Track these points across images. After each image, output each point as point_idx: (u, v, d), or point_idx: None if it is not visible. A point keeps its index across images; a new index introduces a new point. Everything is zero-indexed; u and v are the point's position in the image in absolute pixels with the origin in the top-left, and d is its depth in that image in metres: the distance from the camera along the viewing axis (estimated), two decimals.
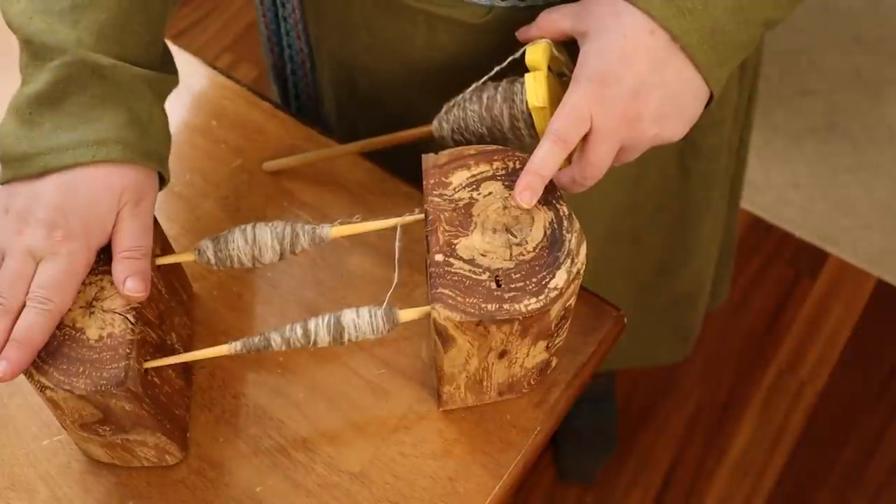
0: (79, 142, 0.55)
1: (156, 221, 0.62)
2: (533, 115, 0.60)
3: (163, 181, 0.61)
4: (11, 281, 0.55)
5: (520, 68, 0.62)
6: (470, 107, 0.63)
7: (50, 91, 0.55)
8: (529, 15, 0.63)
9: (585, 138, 0.58)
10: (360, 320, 0.57)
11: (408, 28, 0.71)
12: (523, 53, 0.61)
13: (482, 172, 0.59)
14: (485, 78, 0.63)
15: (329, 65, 0.82)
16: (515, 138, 0.63)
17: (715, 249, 1.05)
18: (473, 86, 0.63)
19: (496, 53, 0.64)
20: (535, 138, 0.62)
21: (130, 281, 0.56)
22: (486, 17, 0.68)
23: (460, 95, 0.64)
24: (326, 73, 0.84)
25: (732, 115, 0.87)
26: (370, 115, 0.80)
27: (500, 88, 0.62)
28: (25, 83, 0.57)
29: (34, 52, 0.56)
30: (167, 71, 0.62)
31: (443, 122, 0.65)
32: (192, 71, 0.82)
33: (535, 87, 0.60)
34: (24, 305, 0.55)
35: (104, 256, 0.58)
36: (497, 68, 0.63)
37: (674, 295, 1.04)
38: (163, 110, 0.61)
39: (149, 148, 0.58)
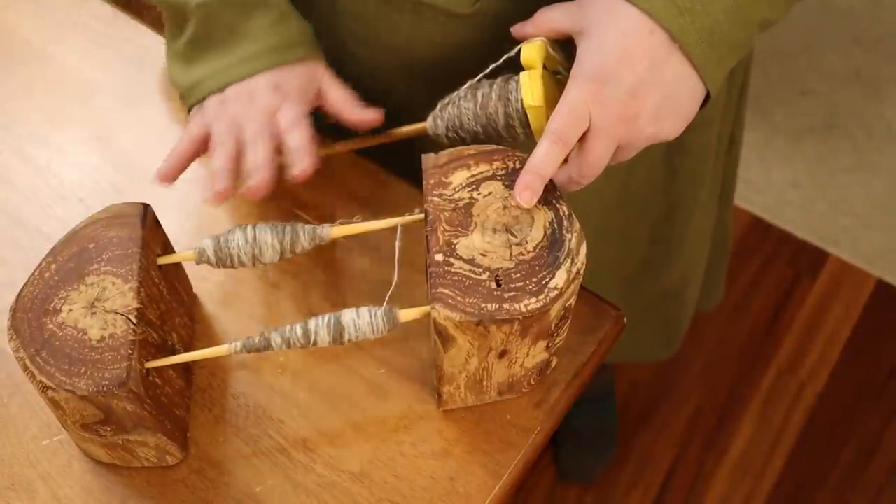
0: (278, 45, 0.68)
1: (156, 221, 0.62)
2: (528, 113, 0.61)
3: None
4: (259, 133, 0.65)
5: (515, 66, 0.62)
6: (464, 104, 0.63)
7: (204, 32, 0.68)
8: (517, 7, 0.63)
9: (583, 137, 0.58)
10: (360, 320, 0.57)
11: (394, 16, 0.70)
12: (518, 51, 0.61)
13: (482, 172, 0.59)
14: (480, 76, 0.63)
15: None
16: (510, 137, 0.63)
17: (704, 248, 1.04)
18: (468, 83, 0.63)
19: (484, 47, 0.64)
20: (530, 137, 0.62)
21: (364, 112, 0.69)
22: (473, 7, 0.67)
23: (455, 93, 0.64)
24: None
25: (722, 112, 0.87)
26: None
27: (494, 86, 0.62)
28: (175, 36, 0.70)
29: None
30: None
31: (437, 120, 0.65)
32: None
33: (530, 86, 0.60)
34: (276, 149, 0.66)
35: (105, 256, 0.58)
36: (492, 66, 0.63)
37: (659, 292, 1.03)
38: (296, 13, 0.71)
39: (319, 44, 0.71)
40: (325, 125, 0.86)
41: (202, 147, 0.67)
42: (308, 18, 0.79)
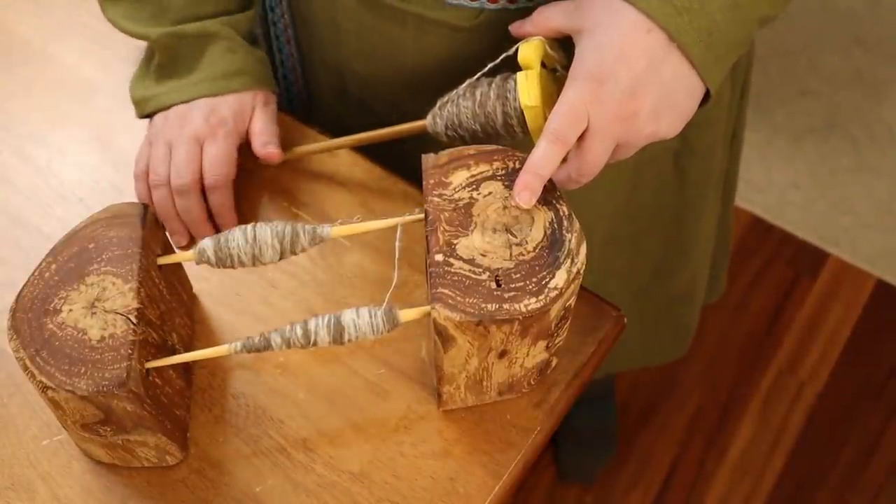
0: (229, 73, 0.73)
1: (156, 221, 0.62)
2: (525, 113, 0.61)
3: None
4: (186, 162, 0.70)
5: (513, 65, 0.62)
6: (463, 103, 0.63)
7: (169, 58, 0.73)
8: (520, 18, 0.63)
9: (582, 136, 0.58)
10: (360, 320, 0.57)
11: (397, 32, 0.71)
12: (516, 51, 0.61)
13: (482, 172, 0.59)
14: (478, 74, 0.64)
15: (320, 70, 0.82)
16: (509, 135, 0.63)
17: (710, 247, 1.04)
18: (467, 82, 0.64)
19: (487, 58, 0.64)
20: (528, 135, 0.62)
21: (269, 146, 0.73)
22: (476, 21, 0.68)
23: (454, 91, 0.64)
24: (318, 78, 0.84)
25: (727, 111, 0.87)
26: (362, 120, 0.80)
27: (493, 85, 0.62)
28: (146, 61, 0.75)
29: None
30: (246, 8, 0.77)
31: (436, 118, 0.65)
32: None
33: (527, 86, 0.60)
34: (201, 182, 0.71)
35: (105, 256, 0.58)
36: (490, 65, 0.63)
37: (670, 297, 1.03)
38: (247, 45, 0.75)
39: (268, 74, 0.75)
40: (325, 121, 0.86)
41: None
42: (309, 38, 0.80)
